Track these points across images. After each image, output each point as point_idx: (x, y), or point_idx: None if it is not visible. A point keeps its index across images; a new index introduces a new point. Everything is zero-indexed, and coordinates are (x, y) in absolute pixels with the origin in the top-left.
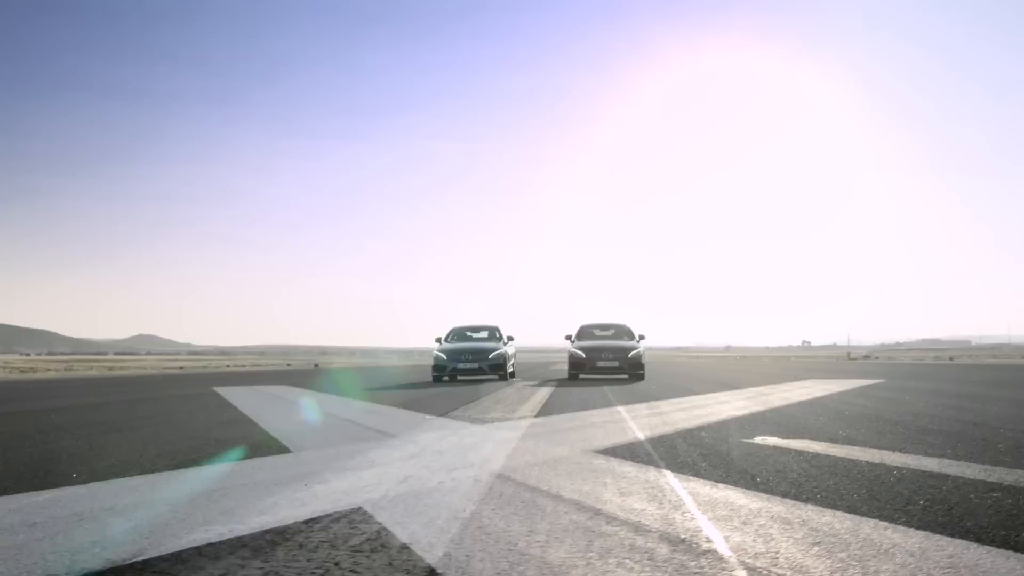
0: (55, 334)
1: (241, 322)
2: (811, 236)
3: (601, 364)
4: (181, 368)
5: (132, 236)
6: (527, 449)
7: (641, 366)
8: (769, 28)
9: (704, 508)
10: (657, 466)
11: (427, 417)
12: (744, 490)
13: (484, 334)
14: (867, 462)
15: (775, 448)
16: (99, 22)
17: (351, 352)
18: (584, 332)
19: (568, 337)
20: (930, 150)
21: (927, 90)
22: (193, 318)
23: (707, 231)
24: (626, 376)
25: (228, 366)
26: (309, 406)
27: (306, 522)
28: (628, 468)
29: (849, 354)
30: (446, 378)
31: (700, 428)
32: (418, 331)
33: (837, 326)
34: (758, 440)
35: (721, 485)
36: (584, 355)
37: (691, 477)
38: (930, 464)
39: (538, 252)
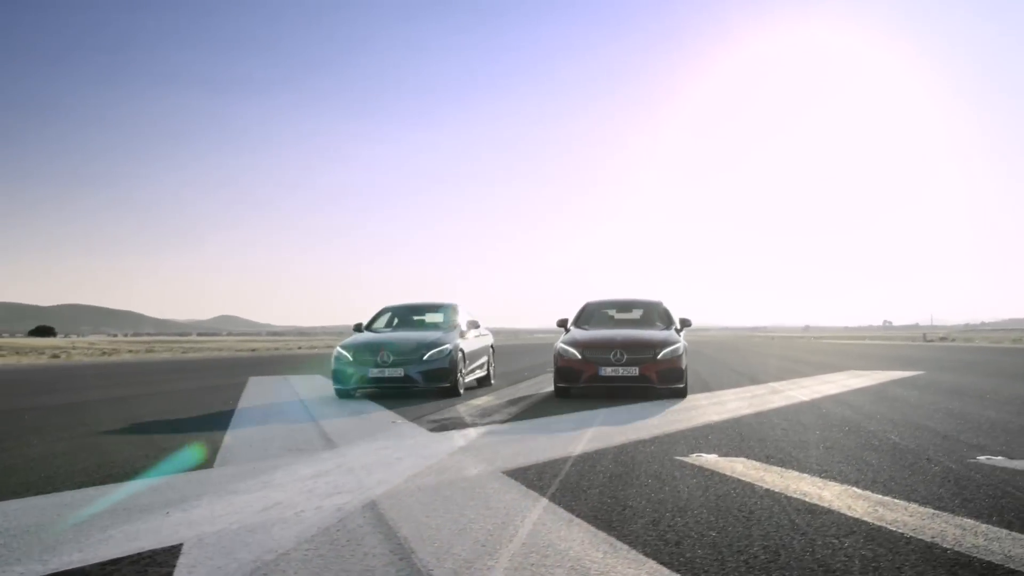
0: (141, 315)
1: (320, 302)
2: (896, 213)
3: (608, 371)
4: (254, 350)
5: (214, 219)
6: (443, 467)
7: (679, 374)
8: (846, 5)
9: (538, 562)
10: (542, 492)
11: (397, 421)
12: (609, 536)
13: (436, 316)
14: (769, 491)
15: (701, 469)
16: (173, 12)
17: None
18: (589, 314)
19: (562, 323)
20: None
21: (1011, 66)
22: (273, 299)
23: (787, 208)
24: (655, 389)
25: (300, 348)
26: (297, 407)
27: (107, 563)
28: (510, 496)
29: (925, 335)
30: (355, 392)
31: (647, 441)
32: (494, 311)
33: (921, 305)
34: (692, 458)
35: (579, 521)
36: (579, 354)
37: (557, 507)
38: (854, 504)
39: (613, 231)
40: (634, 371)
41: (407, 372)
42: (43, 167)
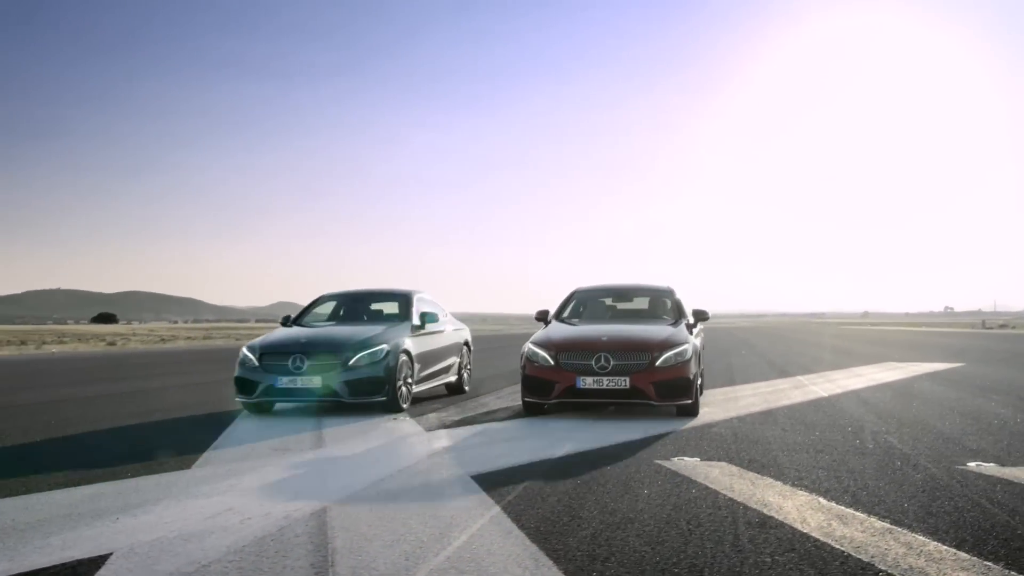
0: (201, 302)
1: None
2: (960, 196)
3: (589, 383)
4: None
5: (273, 206)
6: (415, 470)
7: (686, 385)
8: None
9: None
10: (499, 499)
11: (397, 418)
12: (539, 551)
13: (391, 307)
14: (731, 500)
15: (673, 475)
16: (230, 1)
17: (483, 319)
18: (579, 304)
19: (542, 315)
20: None
21: None
22: (329, 286)
23: (849, 192)
24: (651, 405)
25: None
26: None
27: (29, 573)
28: (464, 503)
29: (984, 322)
30: (259, 400)
31: (636, 442)
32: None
33: (984, 290)
34: (672, 462)
35: (518, 533)
36: (551, 359)
37: (505, 517)
38: (811, 517)
39: (674, 214)
40: (623, 382)
41: (326, 382)
42: (105, 156)
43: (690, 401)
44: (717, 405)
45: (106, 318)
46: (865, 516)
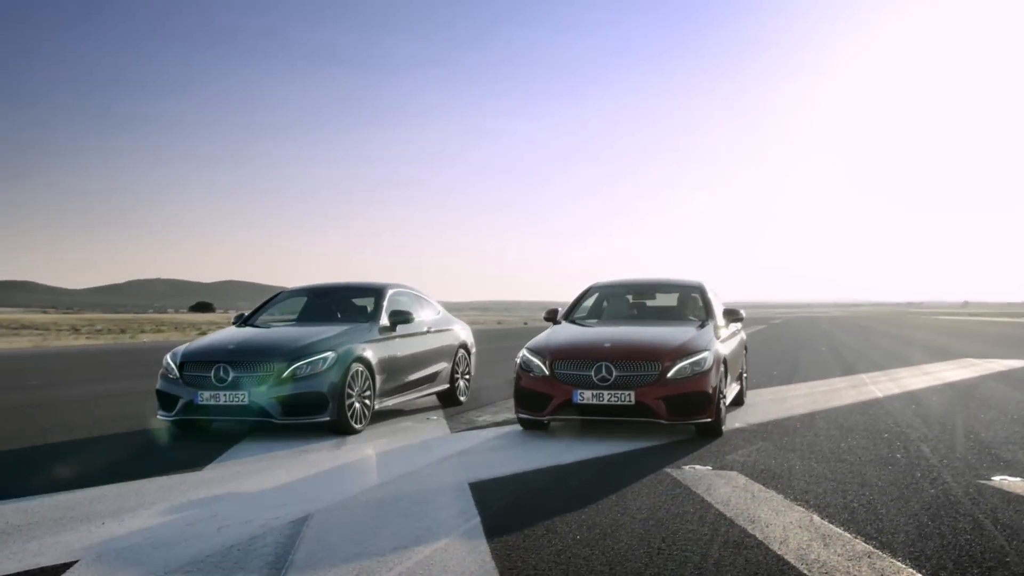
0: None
1: (465, 278)
2: None
3: (587, 397)
4: None
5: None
6: (417, 475)
7: (704, 400)
8: None
9: None
10: (484, 510)
11: (433, 418)
12: (495, 569)
13: (367, 302)
14: (720, 515)
15: (675, 485)
16: None
17: (542, 307)
18: (595, 303)
19: (551, 315)
20: None
21: None
22: (420, 274)
23: (948, 177)
24: (660, 423)
25: None
26: None
27: None
28: (446, 514)
29: None
30: (177, 418)
31: (654, 448)
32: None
33: None
34: (683, 471)
35: (484, 549)
36: (547, 369)
37: (479, 530)
38: (795, 537)
39: (769, 204)
40: (628, 397)
41: (253, 398)
42: (201, 147)
43: (709, 419)
44: (759, 407)
45: (203, 307)
46: (852, 537)
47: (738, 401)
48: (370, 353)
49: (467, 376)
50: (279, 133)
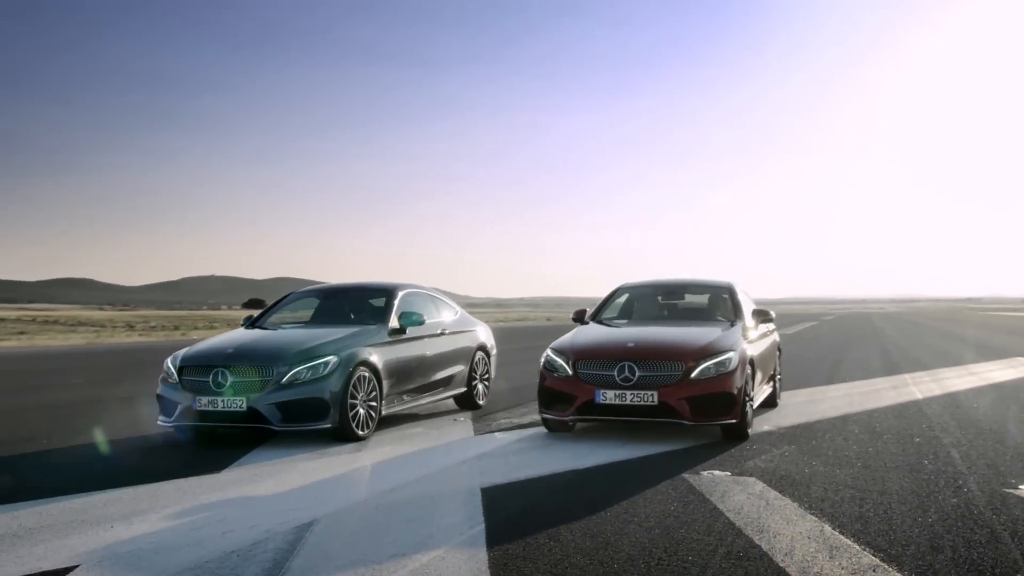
0: None
1: (517, 274)
2: None
3: (610, 397)
4: None
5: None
6: (431, 479)
7: (729, 401)
8: None
9: None
10: (490, 517)
11: (459, 419)
12: None
13: (378, 302)
14: (730, 524)
15: (690, 491)
16: None
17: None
18: (625, 303)
19: (579, 316)
20: None
21: None
22: (471, 270)
23: (1009, 170)
24: (683, 425)
25: (486, 322)
26: None
27: None
28: (450, 520)
29: None
30: (176, 424)
31: (676, 452)
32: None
33: None
34: (701, 476)
35: (481, 559)
36: (571, 369)
37: (479, 539)
38: (801, 548)
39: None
40: (650, 397)
41: (251, 404)
42: (254, 147)
43: (734, 421)
44: (793, 408)
45: (255, 303)
46: (860, 549)
47: (771, 403)
48: (376, 357)
49: (486, 379)
50: (327, 130)
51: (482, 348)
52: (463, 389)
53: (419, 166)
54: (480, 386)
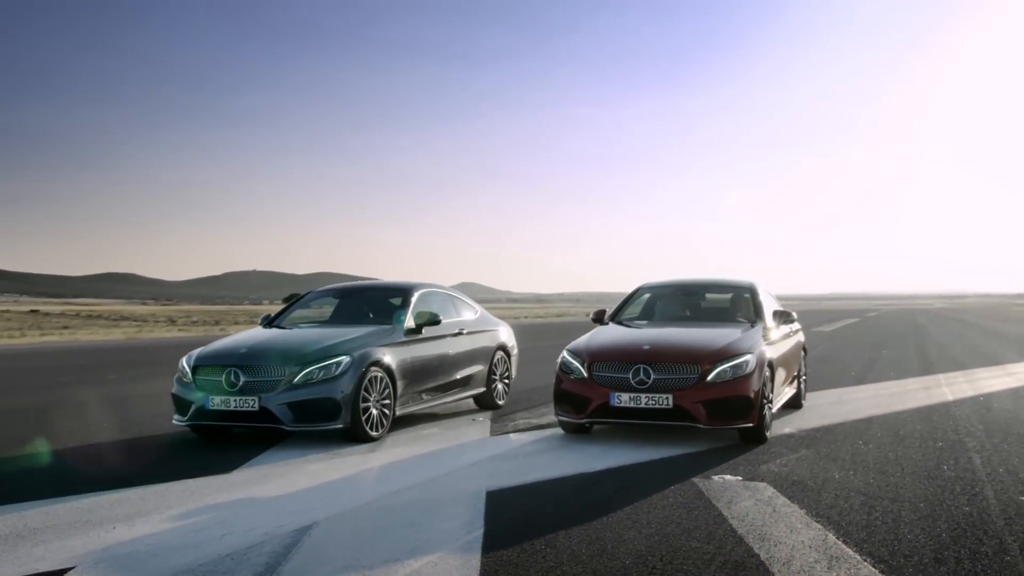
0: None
1: (558, 269)
2: None
3: (624, 400)
4: None
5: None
6: (437, 482)
7: (746, 405)
8: None
9: None
10: (492, 521)
11: (478, 419)
12: None
13: (397, 299)
14: (731, 531)
15: (697, 497)
16: None
17: None
18: (646, 304)
19: (598, 316)
20: None
21: None
22: (512, 265)
23: None
24: (700, 427)
25: (525, 317)
26: None
27: None
28: (450, 525)
29: None
30: (191, 423)
31: (690, 455)
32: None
33: None
34: (712, 481)
35: (472, 567)
36: (586, 372)
37: (474, 545)
38: (798, 558)
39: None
40: (665, 400)
41: (264, 403)
42: (295, 142)
43: (751, 424)
44: (817, 410)
45: (294, 299)
46: (860, 559)
47: (795, 404)
48: (390, 357)
49: (507, 379)
50: (369, 125)
51: (502, 348)
52: (482, 389)
53: (460, 161)
54: (500, 386)
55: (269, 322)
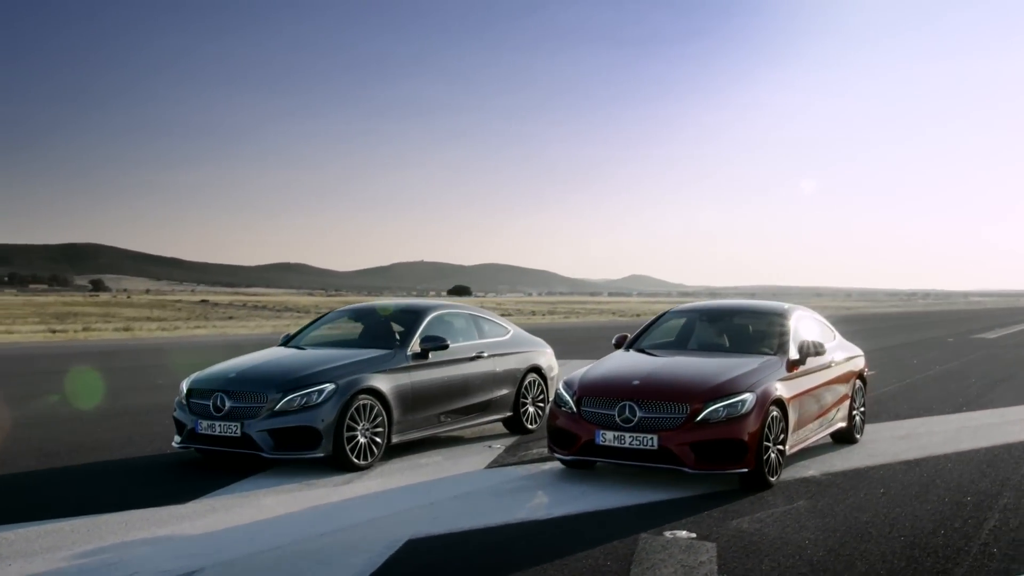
0: (555, 275)
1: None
2: None
3: (609, 438)
4: (638, 316)
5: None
6: (369, 528)
7: (740, 448)
8: None
9: None
10: None
11: (493, 446)
12: None
13: (409, 319)
14: None
15: (624, 559)
16: None
17: (847, 294)
18: (664, 330)
19: (619, 342)
20: None
21: None
22: (686, 258)
23: None
24: (687, 472)
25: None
26: None
27: None
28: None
29: None
30: (184, 446)
31: (654, 505)
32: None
33: None
34: (661, 538)
35: None
36: (574, 406)
37: None
38: None
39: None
40: (651, 441)
41: (245, 429)
42: (464, 130)
43: (746, 469)
44: (871, 446)
45: (461, 290)
46: None
47: (849, 439)
48: (385, 383)
49: (540, 402)
50: (536, 113)
51: (535, 370)
52: (508, 413)
53: (628, 148)
54: (532, 409)
55: (288, 340)
